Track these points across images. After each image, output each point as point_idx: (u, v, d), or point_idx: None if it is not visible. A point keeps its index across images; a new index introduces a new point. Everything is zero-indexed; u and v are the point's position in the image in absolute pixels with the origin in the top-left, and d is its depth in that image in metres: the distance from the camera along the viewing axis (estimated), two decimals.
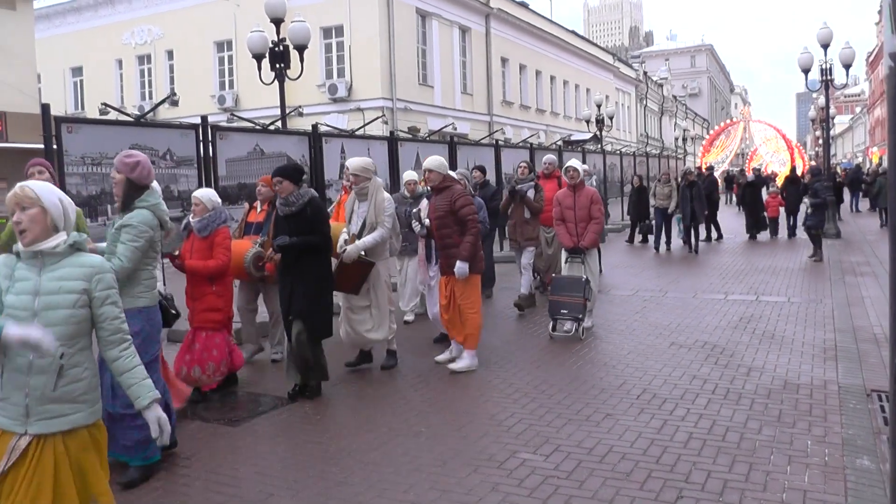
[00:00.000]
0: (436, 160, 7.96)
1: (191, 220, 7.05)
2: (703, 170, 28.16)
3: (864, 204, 32.67)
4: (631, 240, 20.93)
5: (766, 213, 21.91)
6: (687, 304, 11.37)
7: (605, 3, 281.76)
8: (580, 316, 9.22)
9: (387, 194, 7.92)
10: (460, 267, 7.63)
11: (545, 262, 11.76)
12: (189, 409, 6.79)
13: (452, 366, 7.85)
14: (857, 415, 6.14)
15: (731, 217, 27.74)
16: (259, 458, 5.61)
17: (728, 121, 66.46)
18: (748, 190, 22.40)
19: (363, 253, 7.55)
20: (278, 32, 14.97)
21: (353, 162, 7.83)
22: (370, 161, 7.97)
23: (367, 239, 7.58)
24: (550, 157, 12.57)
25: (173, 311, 6.20)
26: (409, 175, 9.99)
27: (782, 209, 21.89)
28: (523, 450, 5.56)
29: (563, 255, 10.14)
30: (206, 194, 7.09)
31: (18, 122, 13.89)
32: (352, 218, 7.93)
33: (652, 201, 19.17)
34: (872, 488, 4.71)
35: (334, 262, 7.59)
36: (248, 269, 7.78)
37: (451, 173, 8.54)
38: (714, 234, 21.30)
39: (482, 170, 12.69)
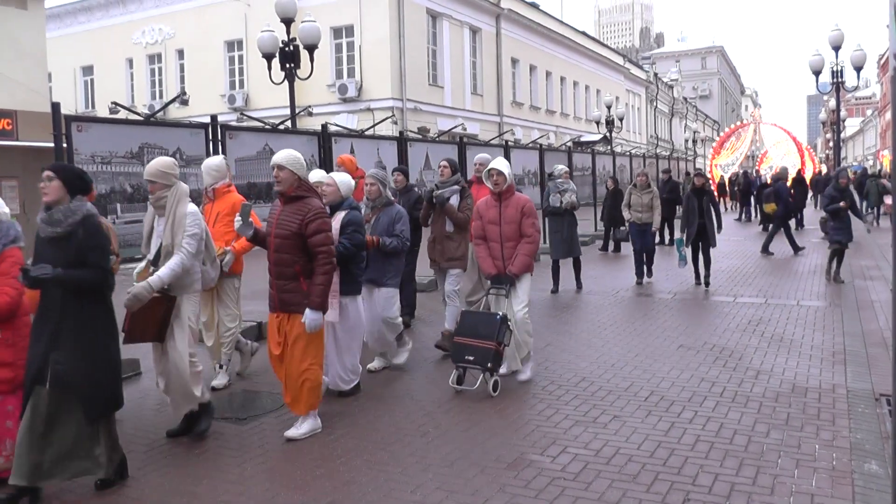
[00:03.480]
0: (286, 154, 5.94)
1: None
2: (663, 172, 25.32)
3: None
4: (605, 248, 19.62)
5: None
6: (695, 307, 11.36)
7: (615, 5, 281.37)
8: (490, 365, 7.01)
9: (192, 207, 5.87)
10: (312, 319, 5.81)
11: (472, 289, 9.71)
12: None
13: (289, 433, 6.00)
14: (866, 419, 6.12)
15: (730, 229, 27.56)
16: (266, 457, 5.62)
17: (738, 123, 66.32)
18: (763, 189, 24.30)
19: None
20: (288, 32, 15.02)
21: (150, 164, 5.86)
22: (171, 162, 5.94)
23: (162, 272, 5.58)
24: (484, 156, 10.06)
25: None
26: (314, 175, 7.16)
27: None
28: (531, 451, 5.56)
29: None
30: None
31: (29, 121, 13.96)
32: (151, 240, 5.99)
33: (626, 214, 14.27)
34: (881, 493, 4.70)
35: None
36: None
37: (372, 173, 7.93)
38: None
39: (404, 171, 10.06)
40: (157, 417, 6.59)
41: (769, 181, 25.66)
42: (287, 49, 15.04)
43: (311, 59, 15.24)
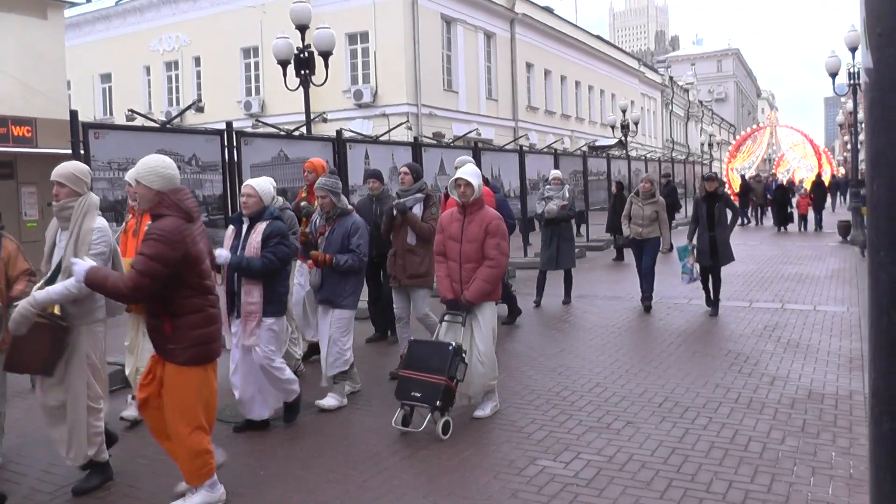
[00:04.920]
0: (140, 166, 4.73)
1: None
2: (662, 176, 24.27)
3: None
4: (619, 256, 18.55)
5: (796, 211, 27.22)
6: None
7: (630, 8, 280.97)
8: (438, 403, 6.03)
9: (101, 221, 5.13)
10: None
11: None
12: None
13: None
14: None
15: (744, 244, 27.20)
16: (279, 461, 5.64)
17: (755, 126, 66.02)
18: (779, 192, 27.51)
19: (55, 310, 4.84)
20: (303, 39, 15.07)
21: (62, 165, 5.12)
22: (86, 169, 5.28)
23: (53, 289, 4.77)
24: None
25: None
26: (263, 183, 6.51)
27: (811, 208, 27.07)
28: (543, 457, 5.56)
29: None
30: None
31: (48, 128, 14.15)
32: (53, 256, 5.15)
33: (624, 228, 12.10)
34: None
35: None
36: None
37: (321, 183, 6.94)
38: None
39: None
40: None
41: (784, 184, 26.08)
42: (302, 56, 15.09)
43: (326, 66, 15.28)
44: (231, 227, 6.56)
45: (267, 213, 6.33)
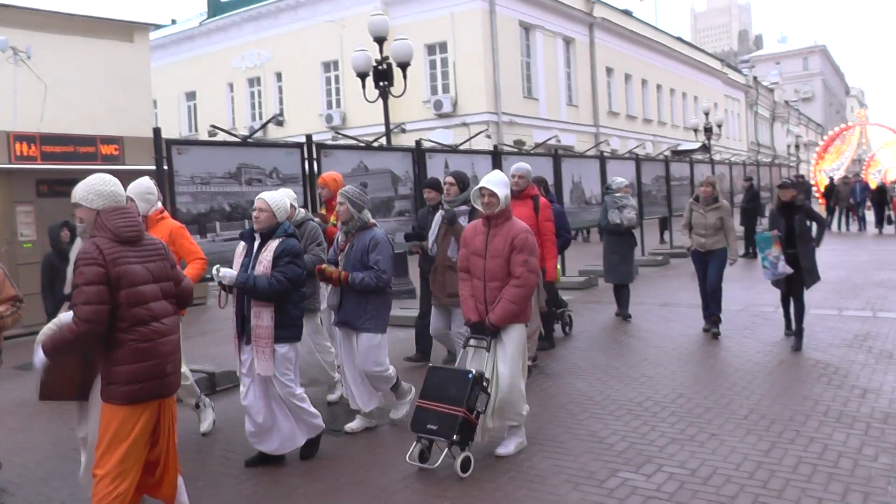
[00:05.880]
0: (82, 187, 4.34)
1: None
2: (745, 180, 23.05)
3: None
4: None
5: (894, 212, 27.08)
6: None
7: (712, 8, 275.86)
8: (456, 437, 5.49)
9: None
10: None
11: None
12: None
13: None
14: None
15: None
16: (357, 468, 5.68)
17: (843, 125, 64.10)
18: (877, 193, 27.08)
19: None
20: (381, 51, 15.22)
21: (80, 185, 4.39)
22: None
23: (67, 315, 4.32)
24: (522, 165, 8.72)
25: None
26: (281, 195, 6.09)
27: None
28: (624, 468, 5.46)
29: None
30: None
31: (134, 146, 14.69)
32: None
33: (685, 240, 10.60)
34: None
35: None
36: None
37: (344, 190, 6.41)
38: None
39: (434, 185, 8.45)
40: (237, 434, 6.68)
41: (883, 184, 25.32)
42: (380, 67, 15.25)
43: (405, 77, 15.40)
44: (242, 243, 5.98)
45: (280, 229, 5.78)
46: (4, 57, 17.76)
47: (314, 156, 9.98)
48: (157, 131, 8.11)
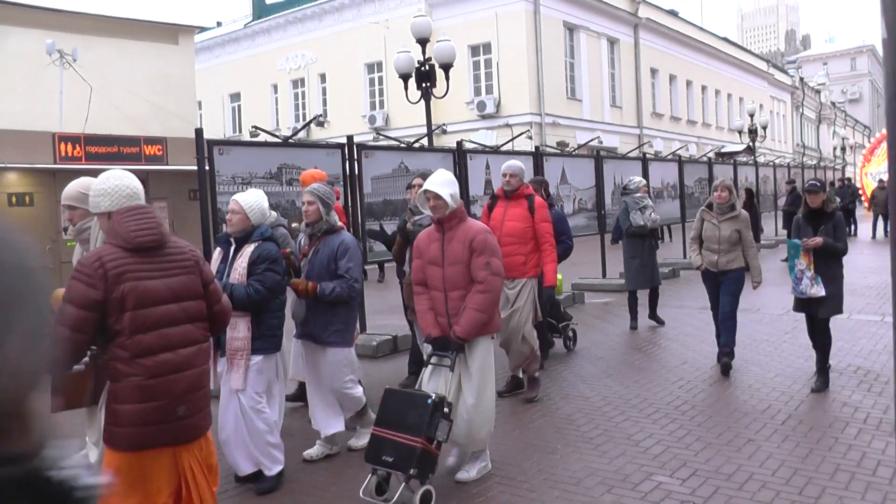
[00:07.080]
0: (70, 188, 4.37)
1: None
2: (787, 183, 22.57)
3: None
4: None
5: None
6: (840, 326, 10.59)
7: (759, 7, 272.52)
8: (413, 471, 4.88)
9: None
10: None
11: (502, 333, 6.97)
12: None
13: None
14: None
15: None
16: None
17: None
18: None
19: None
20: (424, 52, 15.24)
21: (69, 186, 4.51)
22: (89, 183, 4.03)
23: None
24: (514, 163, 7.82)
25: None
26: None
27: None
28: (659, 472, 5.41)
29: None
30: None
31: (177, 147, 14.93)
32: None
33: (694, 257, 8.73)
34: None
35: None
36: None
37: (312, 188, 5.83)
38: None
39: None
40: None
41: None
42: (423, 69, 15.26)
43: (447, 78, 15.41)
44: (218, 249, 5.56)
45: (256, 233, 5.32)
46: (51, 60, 18.13)
47: (355, 156, 10.02)
48: (198, 132, 8.20)
